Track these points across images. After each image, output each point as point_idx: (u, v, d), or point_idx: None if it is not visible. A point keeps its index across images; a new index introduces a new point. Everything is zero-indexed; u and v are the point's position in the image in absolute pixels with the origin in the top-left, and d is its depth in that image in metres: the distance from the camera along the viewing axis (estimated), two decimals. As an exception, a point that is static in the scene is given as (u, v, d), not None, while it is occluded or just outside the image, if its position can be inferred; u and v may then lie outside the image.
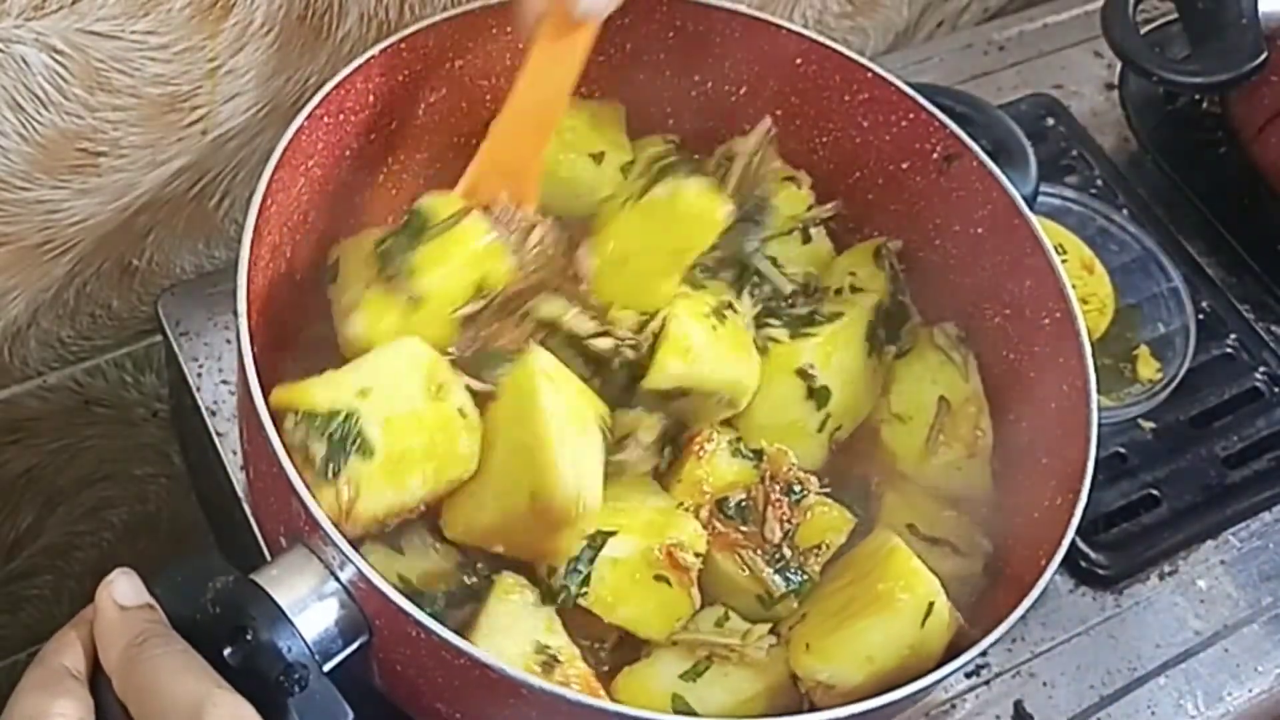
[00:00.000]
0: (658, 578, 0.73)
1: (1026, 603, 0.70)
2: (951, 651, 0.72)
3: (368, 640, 0.66)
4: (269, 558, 0.69)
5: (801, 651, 0.73)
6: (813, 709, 0.71)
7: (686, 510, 0.77)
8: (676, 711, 0.72)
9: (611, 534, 0.73)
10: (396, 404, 0.70)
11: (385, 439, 0.68)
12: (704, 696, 0.73)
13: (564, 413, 0.71)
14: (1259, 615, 0.93)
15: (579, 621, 0.73)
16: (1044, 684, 0.88)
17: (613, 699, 0.71)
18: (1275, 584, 0.95)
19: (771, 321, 0.83)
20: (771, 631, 0.75)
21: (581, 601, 0.72)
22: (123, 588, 0.64)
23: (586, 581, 0.72)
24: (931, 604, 0.73)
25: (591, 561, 0.72)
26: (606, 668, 0.74)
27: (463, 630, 0.69)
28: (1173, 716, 0.89)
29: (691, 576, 0.74)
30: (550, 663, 0.69)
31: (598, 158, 0.86)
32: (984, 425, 0.82)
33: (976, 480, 0.82)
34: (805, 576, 0.76)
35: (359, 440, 0.68)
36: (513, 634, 0.70)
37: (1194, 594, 0.94)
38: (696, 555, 0.74)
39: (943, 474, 0.82)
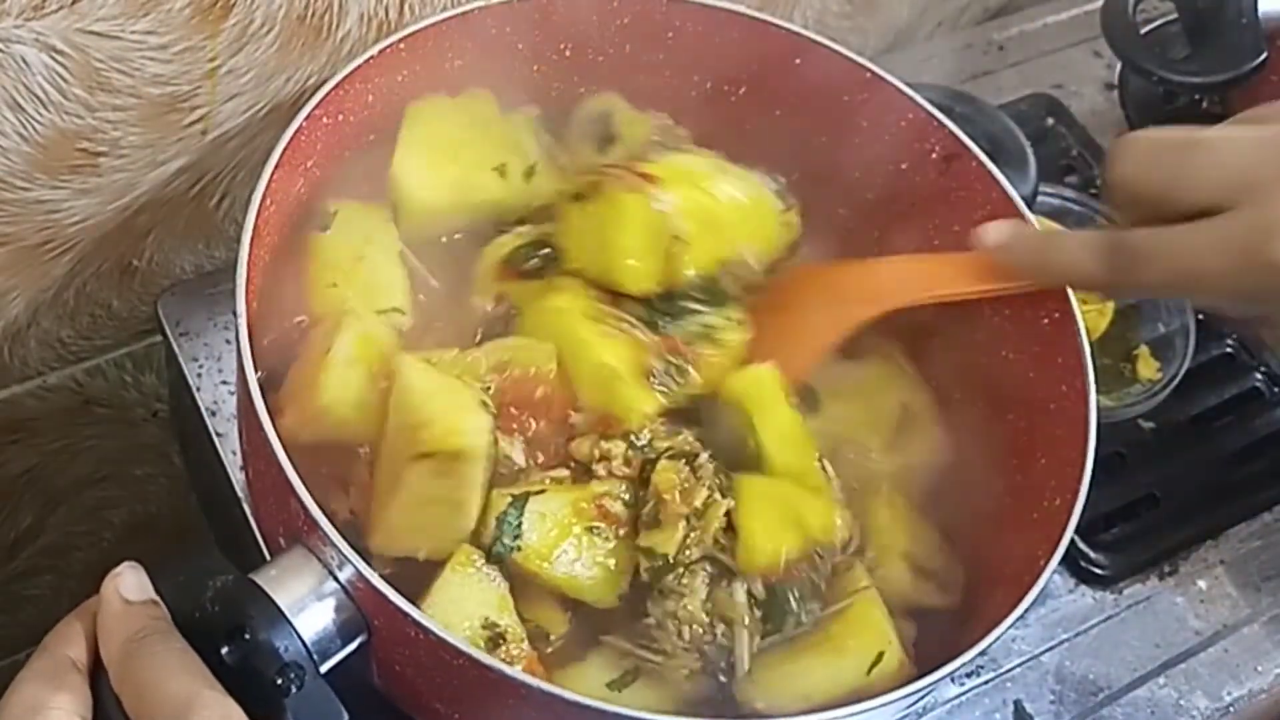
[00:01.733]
0: (590, 529, 0.74)
1: (1026, 603, 0.69)
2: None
3: (366, 640, 0.66)
4: (268, 558, 0.69)
5: (743, 676, 0.73)
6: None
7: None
8: None
9: (539, 492, 0.73)
10: None
11: None
12: (629, 704, 0.72)
13: None
14: (1259, 615, 0.93)
15: (529, 602, 0.73)
16: (1044, 684, 0.89)
17: None
18: (1275, 584, 0.95)
19: None
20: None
21: (516, 557, 0.71)
22: (129, 582, 0.65)
23: (519, 534, 0.71)
24: (881, 654, 0.73)
25: (520, 514, 0.72)
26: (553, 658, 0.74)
27: (414, 598, 0.67)
28: (1173, 716, 0.89)
29: (622, 525, 0.74)
30: (496, 640, 0.70)
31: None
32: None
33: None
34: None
35: None
36: (463, 607, 0.70)
37: (1194, 594, 0.94)
38: (625, 505, 0.75)
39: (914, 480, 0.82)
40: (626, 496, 0.75)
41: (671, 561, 0.73)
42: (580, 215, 0.80)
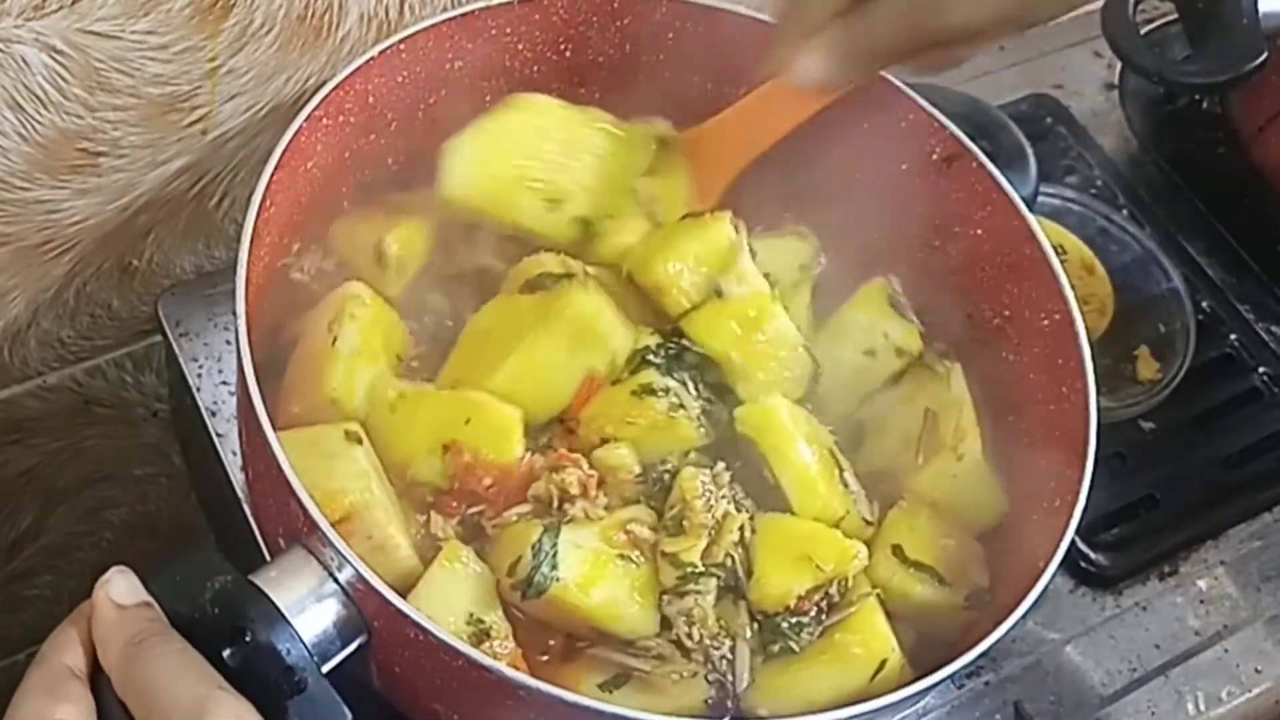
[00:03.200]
0: (622, 557, 0.74)
1: (1026, 603, 0.70)
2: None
3: (366, 641, 0.66)
4: (268, 558, 0.69)
5: (744, 688, 0.74)
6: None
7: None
8: None
9: (565, 522, 0.73)
10: None
11: None
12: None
13: None
14: (1259, 616, 0.93)
15: (526, 625, 0.73)
16: (1044, 684, 0.88)
17: None
18: (1275, 584, 0.95)
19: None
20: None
21: (556, 589, 0.71)
22: (119, 586, 0.64)
23: (556, 564, 0.71)
24: (884, 661, 0.73)
25: (555, 542, 0.71)
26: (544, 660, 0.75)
27: (402, 591, 0.68)
28: (1173, 717, 0.89)
29: (651, 548, 0.74)
30: (481, 636, 0.70)
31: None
32: (964, 424, 0.81)
33: (977, 490, 0.81)
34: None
35: None
36: (449, 602, 0.70)
37: (1194, 594, 0.94)
38: (651, 529, 0.75)
39: (939, 486, 0.81)
40: (651, 520, 0.76)
41: (698, 571, 0.74)
42: None
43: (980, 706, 0.87)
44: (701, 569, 0.74)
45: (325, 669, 0.64)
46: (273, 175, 0.73)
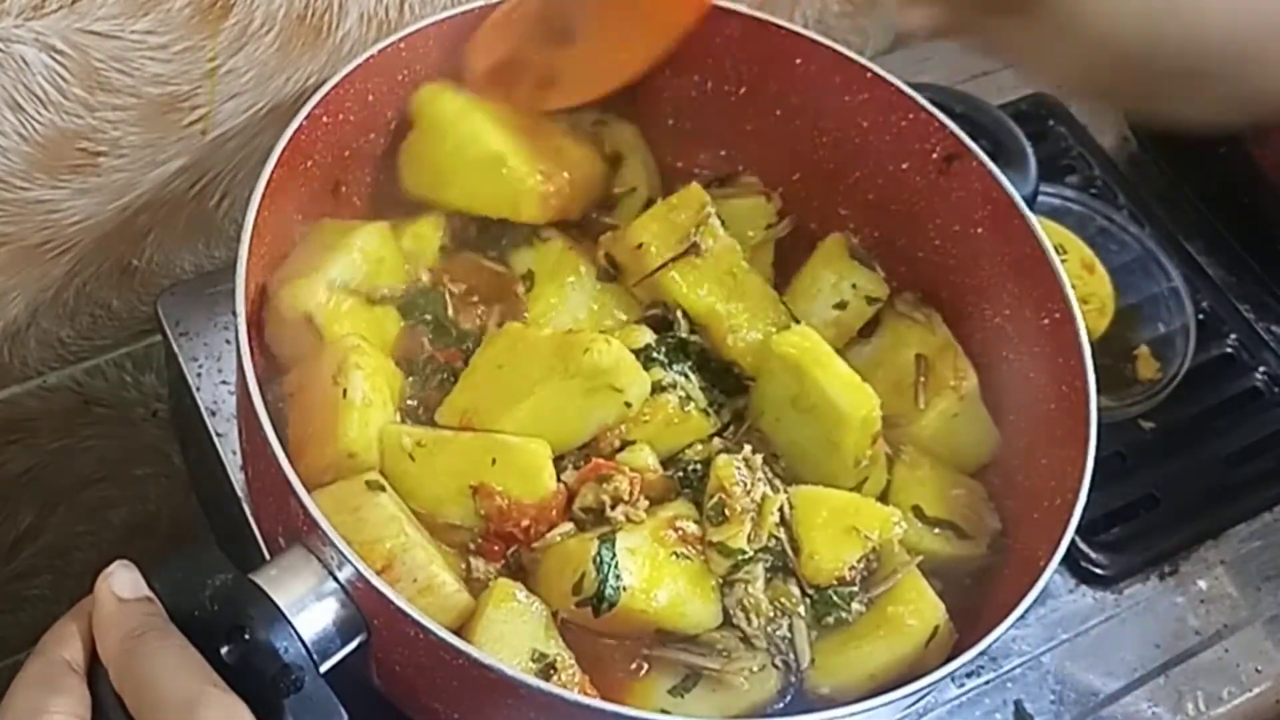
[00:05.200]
0: (676, 555, 0.74)
1: (1026, 602, 0.70)
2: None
3: (366, 640, 0.66)
4: (268, 557, 0.69)
5: (806, 666, 0.74)
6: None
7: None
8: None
9: (616, 529, 0.73)
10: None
11: None
12: (690, 711, 0.73)
13: None
14: (1259, 615, 0.93)
15: (581, 638, 0.73)
16: (1044, 684, 0.88)
17: None
18: (1275, 584, 0.95)
19: None
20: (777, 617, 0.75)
21: (625, 599, 0.71)
22: (121, 580, 0.65)
23: (619, 574, 0.71)
24: (936, 628, 0.74)
25: (613, 553, 0.71)
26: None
27: (457, 629, 0.69)
28: (1173, 717, 0.89)
29: (699, 541, 0.75)
30: (547, 670, 0.69)
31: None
32: (961, 365, 0.83)
33: (976, 428, 0.83)
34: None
35: None
36: (510, 642, 0.70)
37: (1194, 594, 0.94)
38: (695, 522, 0.75)
39: (942, 428, 0.82)
40: (693, 514, 0.76)
41: (747, 556, 0.74)
42: None
43: (980, 706, 0.87)
44: (750, 554, 0.74)
45: (325, 667, 0.64)
46: (273, 175, 0.73)
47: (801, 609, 0.75)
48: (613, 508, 0.74)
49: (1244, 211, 1.09)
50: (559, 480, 0.75)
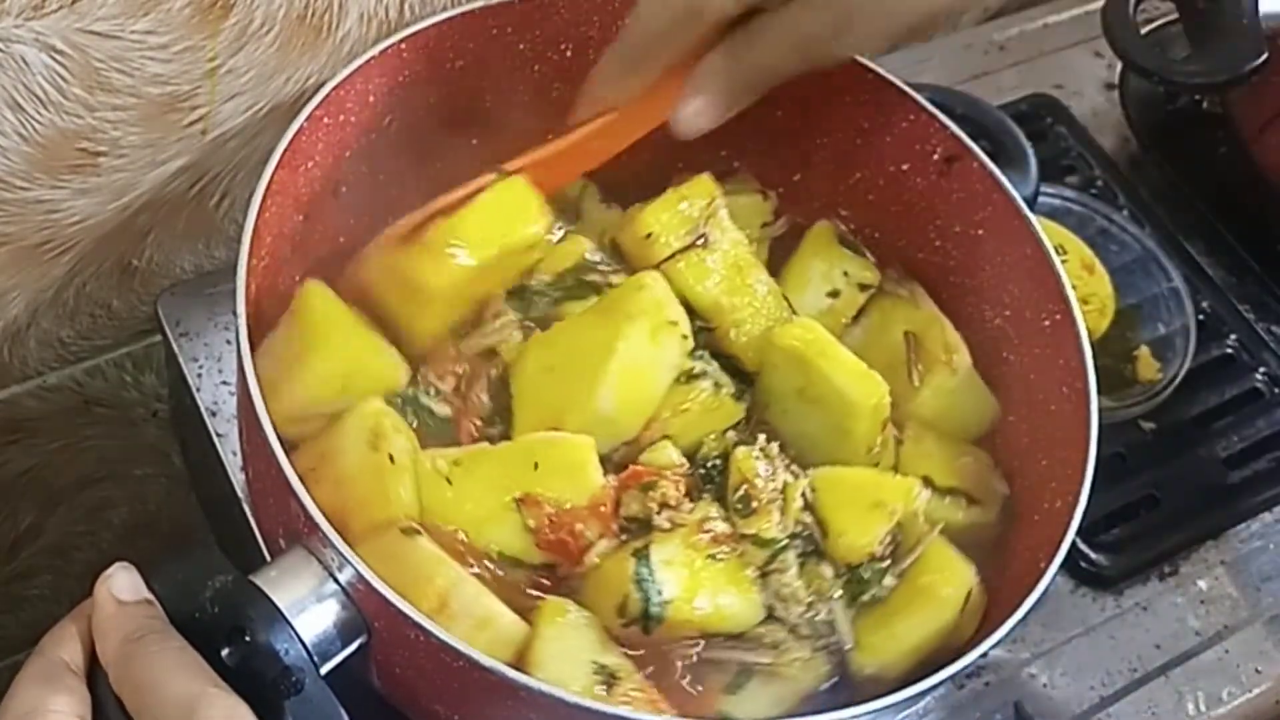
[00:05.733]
0: (711, 557, 0.73)
1: (1027, 604, 0.69)
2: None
3: (366, 642, 0.66)
4: (268, 559, 0.69)
5: (850, 648, 0.75)
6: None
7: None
8: None
9: (648, 542, 0.72)
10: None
11: None
12: (748, 708, 0.73)
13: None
14: (1259, 616, 0.93)
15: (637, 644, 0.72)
16: (1044, 685, 0.89)
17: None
18: (1275, 584, 0.95)
19: None
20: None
21: (670, 613, 0.70)
22: (121, 582, 0.65)
23: (661, 588, 0.70)
24: (969, 592, 0.75)
25: (650, 567, 0.71)
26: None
27: (517, 663, 0.67)
28: (1173, 717, 0.89)
29: (730, 539, 0.74)
30: (610, 680, 0.69)
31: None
32: (950, 339, 0.83)
33: (974, 398, 0.83)
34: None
35: None
36: (570, 658, 0.69)
37: (1194, 595, 0.94)
38: (725, 519, 0.75)
39: (940, 403, 0.83)
40: (719, 512, 0.75)
41: (782, 544, 0.74)
42: None
43: (980, 706, 0.87)
44: (785, 541, 0.74)
45: (325, 669, 0.64)
46: (273, 175, 0.73)
47: (837, 591, 0.75)
48: (659, 513, 0.73)
49: (1244, 211, 1.09)
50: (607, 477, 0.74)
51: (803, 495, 0.76)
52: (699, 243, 0.81)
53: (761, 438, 0.78)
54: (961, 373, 0.83)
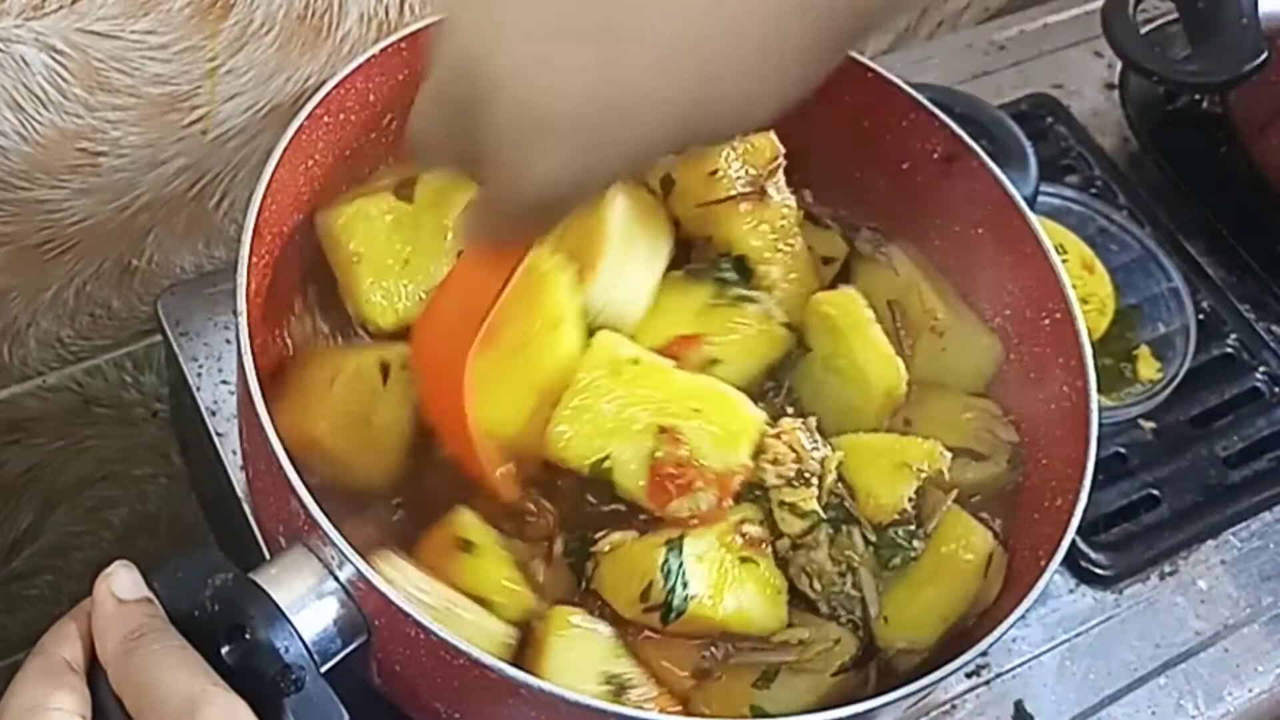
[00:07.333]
0: (743, 560, 0.73)
1: (1027, 603, 0.70)
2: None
3: (366, 640, 0.66)
4: (269, 558, 0.69)
5: (880, 625, 0.75)
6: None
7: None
8: (755, 718, 0.72)
9: (682, 535, 0.72)
10: None
11: None
12: (780, 699, 0.73)
13: None
14: (1259, 615, 0.93)
15: (651, 653, 0.72)
16: (1044, 684, 0.88)
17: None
18: (1275, 584, 0.95)
19: None
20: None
21: (692, 606, 0.70)
22: (121, 581, 0.65)
23: (687, 582, 0.70)
24: (990, 555, 0.75)
25: (680, 559, 0.71)
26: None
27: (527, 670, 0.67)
28: (1173, 717, 0.89)
29: (769, 547, 0.74)
30: (620, 690, 0.69)
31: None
32: (930, 302, 0.83)
33: (968, 350, 0.84)
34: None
35: None
36: (578, 668, 0.69)
37: (1194, 594, 0.94)
38: (760, 523, 0.75)
39: (933, 364, 0.83)
40: (758, 516, 0.75)
41: (821, 516, 0.74)
42: None
43: (980, 706, 0.87)
44: (823, 515, 0.74)
45: (325, 668, 0.64)
46: (273, 175, 0.73)
47: (864, 558, 0.75)
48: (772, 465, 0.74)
49: (1244, 211, 1.09)
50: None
51: (837, 466, 0.76)
52: (758, 194, 0.81)
53: (790, 413, 0.78)
54: (948, 331, 0.83)
